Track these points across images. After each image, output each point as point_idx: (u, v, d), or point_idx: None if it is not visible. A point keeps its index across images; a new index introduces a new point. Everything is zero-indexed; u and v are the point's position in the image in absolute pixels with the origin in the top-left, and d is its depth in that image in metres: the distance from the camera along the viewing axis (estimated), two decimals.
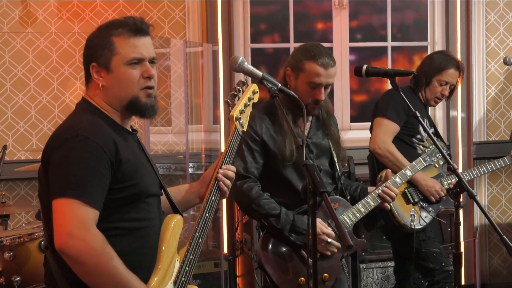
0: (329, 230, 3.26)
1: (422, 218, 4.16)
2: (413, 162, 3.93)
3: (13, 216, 5.02)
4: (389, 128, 4.27)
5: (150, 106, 2.39)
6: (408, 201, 4.20)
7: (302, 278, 3.22)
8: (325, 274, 3.27)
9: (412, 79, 4.45)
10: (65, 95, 5.21)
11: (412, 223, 4.11)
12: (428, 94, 4.41)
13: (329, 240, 3.23)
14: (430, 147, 4.01)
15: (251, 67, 2.74)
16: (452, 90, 4.45)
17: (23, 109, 5.15)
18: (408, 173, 3.81)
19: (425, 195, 4.22)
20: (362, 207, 3.41)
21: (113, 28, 2.36)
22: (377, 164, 4.32)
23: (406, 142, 4.34)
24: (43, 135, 5.15)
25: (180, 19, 5.41)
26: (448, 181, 4.29)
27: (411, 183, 4.22)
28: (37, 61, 5.16)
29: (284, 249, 3.27)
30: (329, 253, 3.26)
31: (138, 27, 2.36)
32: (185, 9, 5.40)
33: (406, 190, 4.22)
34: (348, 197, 3.50)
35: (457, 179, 4.17)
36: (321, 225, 3.25)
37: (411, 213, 4.16)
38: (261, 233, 3.35)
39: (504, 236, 2.84)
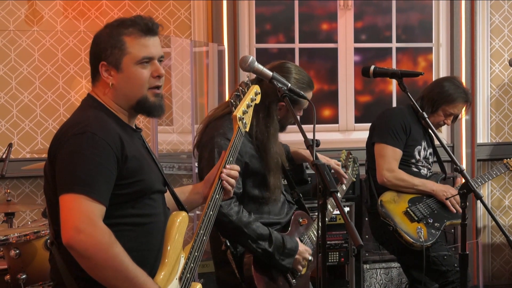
0: (308, 248, 3.15)
1: (430, 234, 4.09)
2: None
3: (18, 214, 5.03)
4: (392, 155, 4.21)
5: (158, 106, 2.41)
6: (412, 219, 4.14)
7: None
8: None
9: (417, 102, 4.27)
10: (70, 93, 5.23)
11: (420, 240, 4.03)
12: (430, 120, 4.36)
13: (310, 257, 3.14)
14: None
15: (261, 67, 2.75)
16: (455, 118, 4.40)
17: (29, 108, 5.16)
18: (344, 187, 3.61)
19: (444, 205, 4.18)
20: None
21: (124, 27, 2.37)
22: (375, 185, 4.27)
23: (401, 162, 4.27)
24: (48, 134, 5.17)
25: (186, 18, 5.43)
26: None
27: (412, 202, 4.19)
28: (43, 60, 5.18)
29: (270, 272, 3.08)
30: (304, 271, 3.16)
31: (149, 28, 2.37)
32: (191, 8, 5.41)
33: (408, 209, 4.16)
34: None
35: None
36: (302, 244, 3.14)
37: (417, 230, 4.08)
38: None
39: (510, 238, 2.85)
